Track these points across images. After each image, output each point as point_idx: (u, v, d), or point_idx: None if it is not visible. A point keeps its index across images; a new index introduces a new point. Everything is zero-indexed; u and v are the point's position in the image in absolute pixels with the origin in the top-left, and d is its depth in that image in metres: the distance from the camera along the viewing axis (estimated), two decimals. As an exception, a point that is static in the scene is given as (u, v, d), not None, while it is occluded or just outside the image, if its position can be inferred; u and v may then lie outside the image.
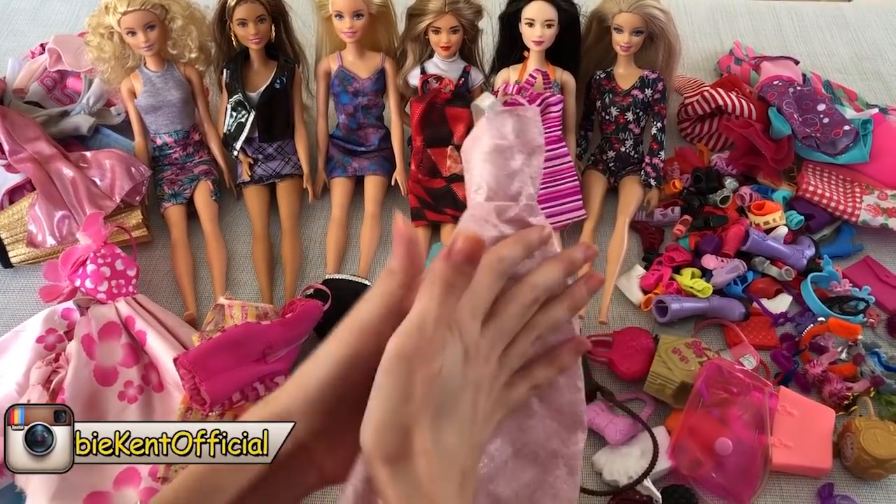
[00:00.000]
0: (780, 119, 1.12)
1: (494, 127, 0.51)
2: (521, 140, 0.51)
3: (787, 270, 1.01)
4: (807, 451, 0.85)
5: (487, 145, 0.51)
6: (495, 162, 0.50)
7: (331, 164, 1.12)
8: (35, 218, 1.00)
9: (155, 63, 1.06)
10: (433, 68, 1.07)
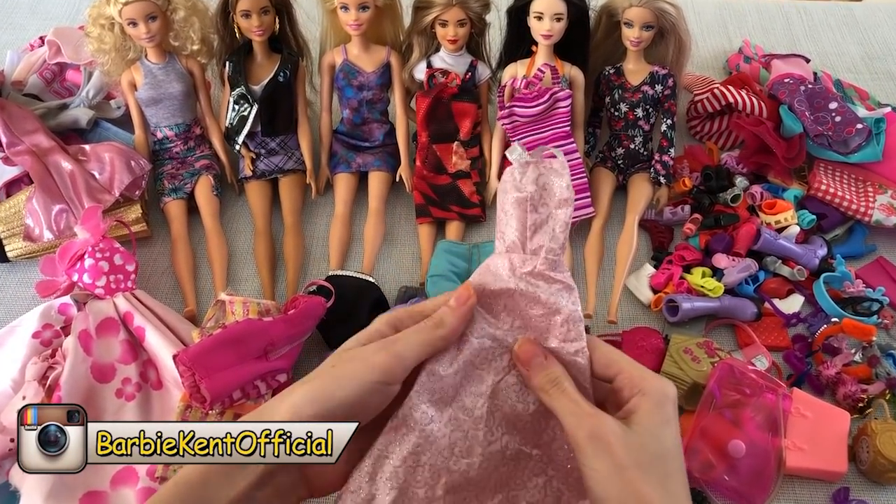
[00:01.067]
0: (792, 117, 1.10)
1: (516, 178, 0.51)
2: (544, 192, 0.51)
3: (799, 270, 0.99)
4: (821, 454, 0.83)
5: (509, 196, 0.51)
6: (515, 214, 0.50)
7: (334, 160, 1.10)
8: (32, 211, 0.98)
9: (156, 55, 1.04)
10: (439, 62, 1.05)
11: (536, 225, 0.50)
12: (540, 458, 0.50)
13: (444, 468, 0.48)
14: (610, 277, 1.01)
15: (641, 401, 0.46)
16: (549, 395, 0.48)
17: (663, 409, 0.46)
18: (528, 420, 0.50)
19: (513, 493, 0.49)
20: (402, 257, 1.04)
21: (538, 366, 0.49)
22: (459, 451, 0.49)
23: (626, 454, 0.44)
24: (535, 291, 0.50)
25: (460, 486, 0.48)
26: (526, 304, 0.50)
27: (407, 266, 1.03)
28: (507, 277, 0.50)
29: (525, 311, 0.50)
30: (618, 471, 0.43)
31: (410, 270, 1.03)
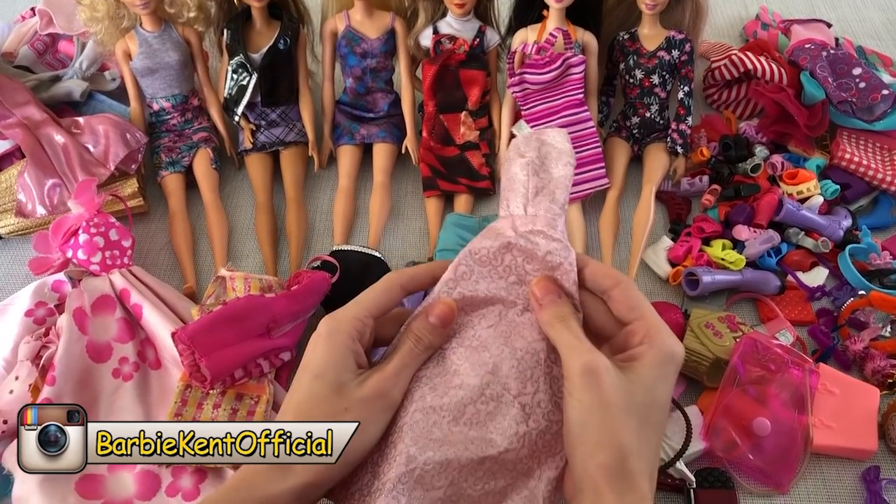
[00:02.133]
0: (814, 83, 1.05)
1: (519, 146, 0.55)
2: (546, 158, 0.54)
3: (823, 242, 0.95)
4: (850, 431, 0.80)
5: (513, 163, 0.54)
6: (518, 179, 0.54)
7: (337, 132, 1.06)
8: (24, 186, 0.95)
9: (151, 23, 1.00)
10: (446, 28, 1.01)
11: (538, 188, 0.53)
12: (521, 408, 0.50)
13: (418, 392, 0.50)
14: (626, 251, 0.97)
15: (647, 352, 0.47)
16: (555, 328, 0.49)
17: (664, 367, 0.47)
18: (514, 366, 0.50)
19: (490, 436, 0.49)
20: (409, 232, 1.01)
21: (550, 302, 0.50)
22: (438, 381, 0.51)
23: (613, 394, 0.45)
24: (532, 248, 0.52)
25: (431, 408, 0.49)
26: (523, 259, 0.52)
27: (414, 241, 1.00)
28: (508, 234, 0.53)
29: (521, 266, 0.52)
30: (601, 406, 0.45)
31: (418, 245, 0.99)
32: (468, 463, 0.48)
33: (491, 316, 0.52)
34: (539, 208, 0.53)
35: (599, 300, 0.52)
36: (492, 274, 0.53)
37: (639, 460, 0.45)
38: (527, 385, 0.50)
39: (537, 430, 0.49)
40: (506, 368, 0.50)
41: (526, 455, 0.49)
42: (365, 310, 0.52)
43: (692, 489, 0.76)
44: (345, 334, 0.50)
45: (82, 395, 0.79)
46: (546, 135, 0.55)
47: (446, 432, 0.49)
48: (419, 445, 0.48)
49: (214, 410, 0.78)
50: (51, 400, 0.76)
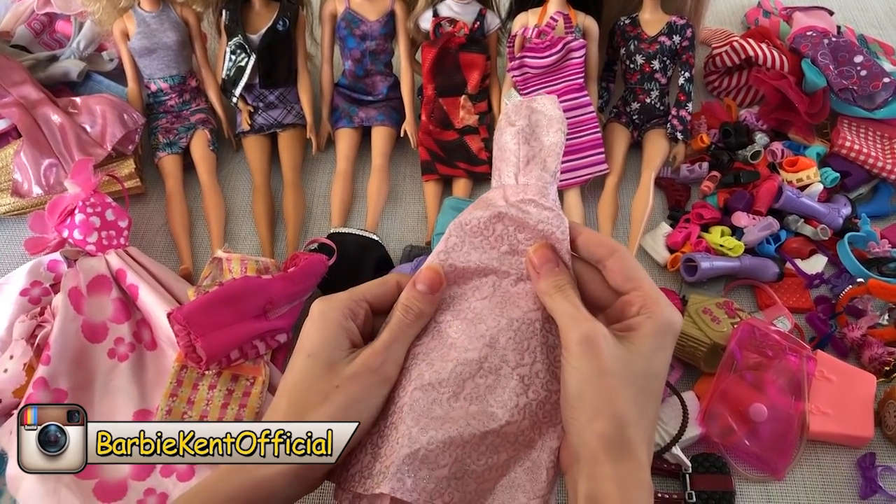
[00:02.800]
0: (815, 71, 1.05)
1: (509, 115, 0.54)
2: (536, 126, 0.53)
3: (822, 229, 0.95)
4: (846, 418, 0.80)
5: (504, 133, 0.54)
6: (509, 148, 0.53)
7: (336, 114, 1.05)
8: (20, 166, 0.94)
9: (150, 3, 0.99)
10: (446, 11, 1.00)
11: (528, 157, 0.52)
12: (521, 379, 0.50)
13: (416, 369, 0.50)
14: (624, 237, 0.97)
15: (645, 323, 0.47)
16: (552, 298, 0.49)
17: (662, 337, 0.47)
18: (512, 337, 0.50)
19: (491, 409, 0.49)
20: (407, 216, 1.00)
21: (548, 271, 0.50)
22: (435, 356, 0.50)
23: (611, 362, 0.45)
24: (523, 217, 0.51)
25: (431, 385, 0.49)
26: (515, 228, 0.52)
27: (412, 225, 0.99)
28: (500, 203, 0.52)
29: (513, 236, 0.52)
30: (599, 375, 0.45)
31: (415, 229, 0.99)
32: (471, 439, 0.48)
33: (485, 287, 0.52)
34: (530, 177, 0.52)
35: (594, 269, 0.52)
36: (483, 244, 0.52)
37: (637, 429, 0.45)
38: (524, 356, 0.50)
39: (537, 401, 0.49)
40: (503, 340, 0.50)
41: (527, 426, 0.49)
42: (358, 293, 0.52)
43: (688, 474, 0.76)
44: (337, 312, 0.50)
45: (77, 375, 0.78)
46: (536, 102, 0.54)
47: (447, 409, 0.49)
48: (421, 426, 0.48)
49: (210, 391, 0.78)
50: (45, 379, 0.76)
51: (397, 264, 0.91)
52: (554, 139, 0.53)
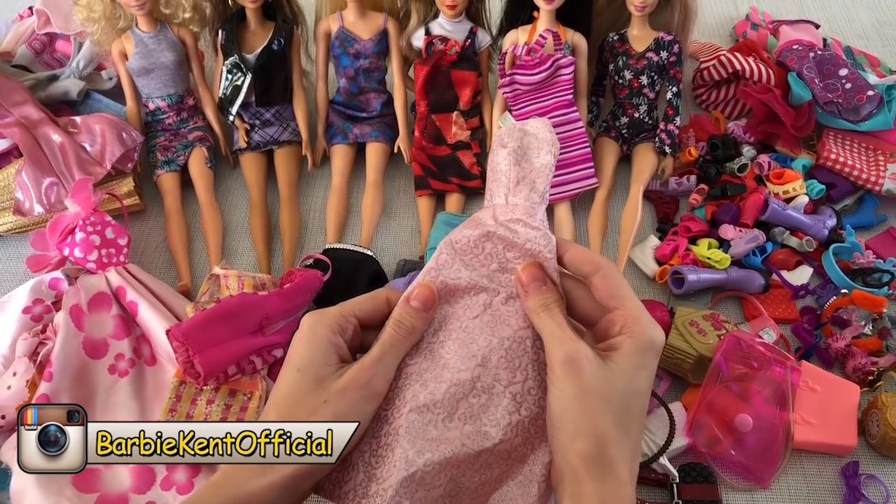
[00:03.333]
0: (801, 84, 1.07)
1: (502, 137, 0.55)
2: (528, 149, 0.54)
3: (807, 241, 0.96)
4: (830, 428, 0.81)
5: (496, 154, 0.55)
6: (500, 169, 0.54)
7: (331, 131, 1.07)
8: (22, 185, 0.96)
9: (147, 23, 1.01)
10: (438, 29, 1.02)
11: (518, 178, 0.54)
12: (513, 397, 0.50)
13: (410, 390, 0.50)
14: (614, 249, 0.99)
15: (626, 342, 0.48)
16: (539, 316, 0.50)
17: (643, 355, 0.48)
18: (503, 356, 0.51)
19: (485, 429, 0.50)
20: (401, 230, 1.02)
21: (536, 289, 0.51)
22: (428, 377, 0.51)
23: (593, 382, 0.46)
24: (511, 236, 0.52)
25: (425, 406, 0.50)
26: (503, 247, 0.53)
27: (405, 239, 1.01)
28: (489, 223, 0.53)
29: (502, 254, 0.53)
30: (581, 395, 0.46)
31: (409, 243, 1.01)
32: (465, 458, 0.49)
33: (476, 306, 0.53)
34: (519, 197, 0.53)
35: (582, 285, 0.52)
36: (473, 262, 0.53)
37: (618, 448, 0.46)
38: (516, 374, 0.50)
39: (529, 418, 0.50)
40: (495, 359, 0.50)
41: (520, 443, 0.50)
42: (348, 308, 0.52)
43: (675, 484, 0.78)
44: (325, 327, 0.50)
45: (79, 391, 0.80)
46: (528, 125, 0.55)
47: (442, 430, 0.49)
48: (417, 448, 0.48)
49: (208, 406, 0.79)
50: (48, 395, 0.77)
51: (391, 278, 0.93)
52: (544, 161, 0.54)
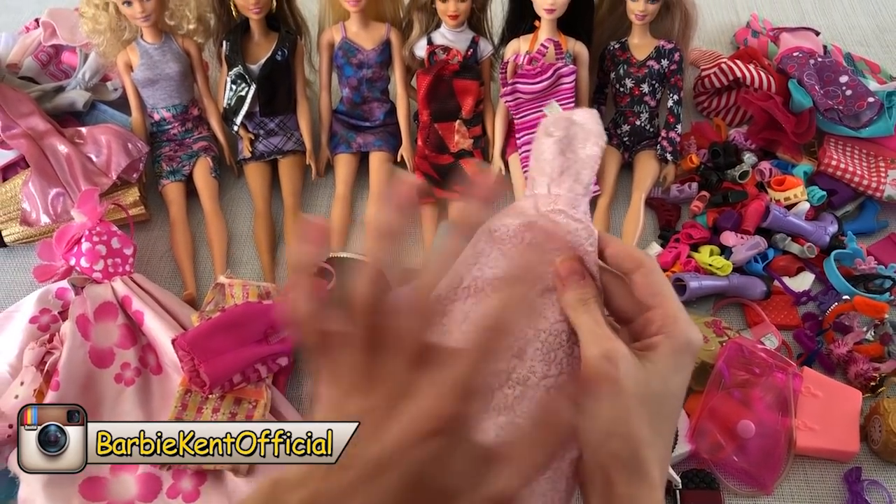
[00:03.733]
0: (801, 91, 1.07)
1: (547, 125, 0.53)
2: (573, 138, 0.52)
3: (809, 247, 0.97)
4: (833, 433, 0.82)
5: (540, 143, 0.53)
6: (544, 158, 0.52)
7: (334, 140, 1.08)
8: (29, 195, 0.97)
9: (152, 35, 1.02)
10: (440, 39, 1.03)
11: (563, 168, 0.52)
12: (547, 391, 0.49)
13: None
14: (616, 257, 0.99)
15: (664, 343, 0.47)
16: (576, 311, 0.48)
17: (681, 356, 0.47)
18: (538, 348, 0.49)
19: (518, 420, 0.48)
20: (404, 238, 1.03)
21: (574, 283, 0.49)
22: None
23: (630, 383, 0.45)
24: (553, 227, 0.50)
25: None
26: (544, 238, 0.51)
27: (409, 247, 1.02)
28: (530, 212, 0.51)
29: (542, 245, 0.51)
30: (616, 395, 0.45)
31: (413, 252, 1.01)
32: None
33: None
34: (562, 188, 0.52)
35: (621, 281, 0.51)
36: (511, 252, 0.51)
37: (650, 450, 0.45)
38: (551, 367, 0.49)
39: None
40: (530, 351, 0.49)
41: None
42: None
43: (678, 490, 0.78)
44: None
45: (85, 400, 0.81)
46: (576, 114, 0.54)
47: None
48: None
49: (213, 414, 0.80)
50: (55, 404, 0.78)
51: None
52: (590, 152, 0.53)
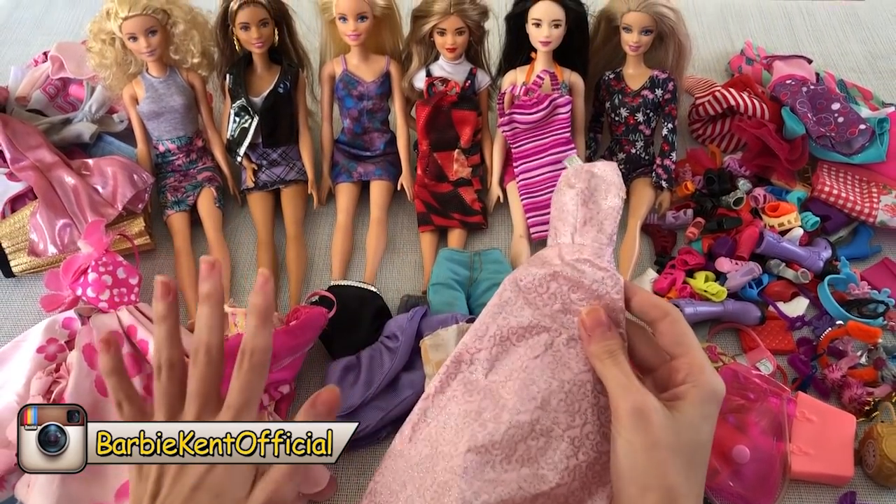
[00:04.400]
0: (794, 119, 1.09)
1: (569, 177, 0.55)
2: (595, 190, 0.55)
3: (803, 273, 0.98)
4: (827, 458, 0.83)
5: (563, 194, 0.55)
6: (568, 209, 0.54)
7: (336, 170, 1.10)
8: (36, 226, 0.99)
9: (157, 68, 1.05)
10: (439, 71, 1.05)
11: (586, 219, 0.54)
12: (571, 441, 0.50)
13: (468, 430, 0.51)
14: (612, 283, 1.01)
15: (692, 392, 0.48)
16: (603, 363, 0.49)
17: (709, 405, 0.48)
18: (563, 399, 0.51)
19: (542, 472, 0.50)
20: (404, 266, 1.04)
21: (600, 335, 0.50)
22: (488, 416, 0.51)
23: (662, 434, 0.46)
24: (578, 276, 0.52)
25: (484, 447, 0.50)
26: (569, 287, 0.52)
27: (409, 274, 1.03)
28: (555, 262, 0.53)
29: (567, 295, 0.52)
30: (651, 447, 0.46)
31: (412, 279, 1.03)
32: (522, 501, 0.49)
33: (538, 346, 0.52)
34: (586, 238, 0.53)
35: (644, 330, 0.53)
36: (536, 301, 0.53)
37: (687, 501, 0.46)
38: (575, 418, 0.51)
39: (587, 462, 0.50)
40: (554, 402, 0.51)
41: (577, 487, 0.50)
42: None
43: (675, 515, 0.79)
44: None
45: (91, 428, 0.82)
46: (596, 167, 0.56)
47: (499, 472, 0.50)
48: (474, 489, 0.49)
49: (217, 442, 0.81)
50: (61, 433, 0.80)
51: (395, 314, 0.95)
52: (612, 203, 0.54)
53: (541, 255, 0.54)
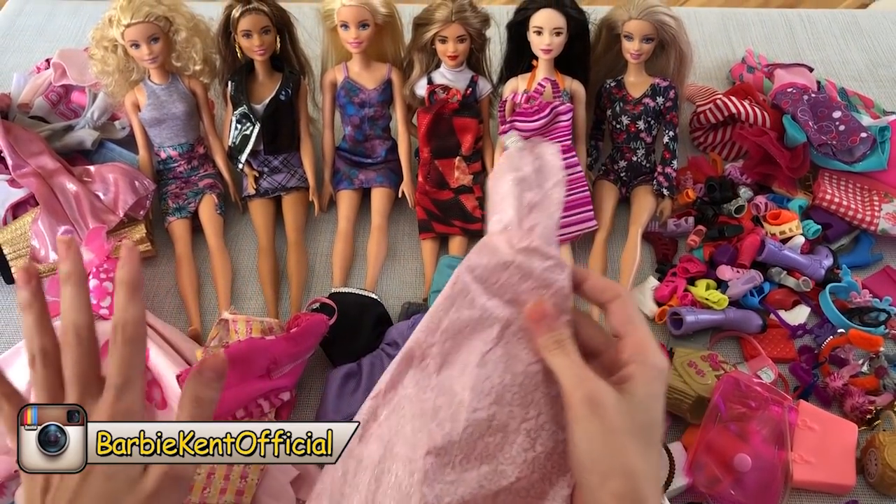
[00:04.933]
0: (795, 127, 1.09)
1: (513, 162, 0.55)
2: (540, 174, 0.54)
3: (804, 281, 0.98)
4: (829, 467, 0.82)
5: (506, 178, 0.54)
6: (513, 193, 0.53)
7: (337, 177, 1.10)
8: (38, 233, 0.99)
9: (159, 76, 1.05)
10: (440, 78, 1.05)
11: (532, 204, 0.53)
12: (527, 433, 0.50)
13: (425, 430, 0.50)
14: (614, 291, 1.01)
15: (639, 371, 0.48)
16: (552, 353, 0.49)
17: (657, 383, 0.48)
18: (517, 392, 0.51)
19: (501, 467, 0.50)
20: (405, 273, 1.04)
21: (547, 326, 0.50)
22: (444, 415, 0.50)
23: (618, 419, 0.46)
24: (528, 264, 0.51)
25: (443, 448, 0.50)
26: (519, 277, 0.52)
27: (410, 282, 1.03)
28: (505, 251, 0.52)
29: (518, 285, 0.52)
30: (608, 434, 0.46)
31: (413, 286, 1.03)
32: (483, 499, 0.49)
33: (489, 339, 0.52)
34: (533, 223, 0.52)
35: (587, 317, 0.53)
36: (487, 292, 0.52)
37: (648, 483, 0.46)
38: (529, 410, 0.50)
39: (545, 453, 0.50)
40: (508, 396, 0.50)
41: (537, 479, 0.50)
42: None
43: (676, 524, 0.79)
44: None
45: (91, 435, 0.82)
46: (540, 148, 0.55)
47: (459, 472, 0.49)
48: (436, 492, 0.48)
49: (217, 449, 0.81)
50: (61, 440, 0.79)
51: (396, 321, 0.95)
52: (557, 188, 0.54)
53: (489, 244, 0.53)
